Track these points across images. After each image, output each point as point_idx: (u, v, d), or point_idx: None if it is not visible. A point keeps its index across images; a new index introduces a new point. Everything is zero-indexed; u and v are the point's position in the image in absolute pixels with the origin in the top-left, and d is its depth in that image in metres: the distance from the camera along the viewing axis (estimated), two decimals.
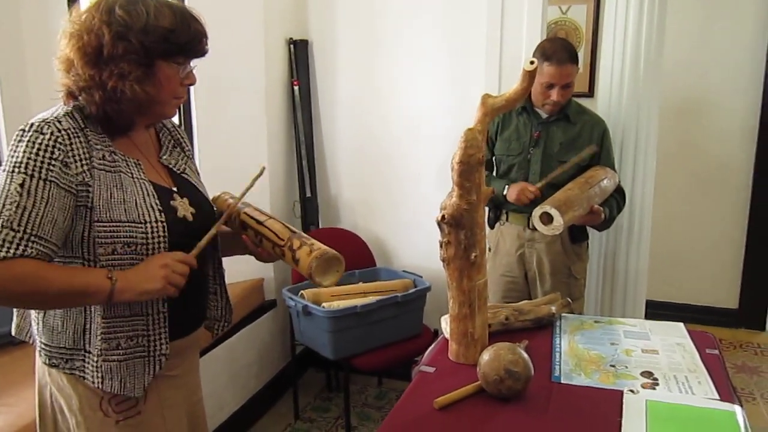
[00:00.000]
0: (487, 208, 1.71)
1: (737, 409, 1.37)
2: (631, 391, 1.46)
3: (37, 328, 1.30)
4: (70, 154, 1.17)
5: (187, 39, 1.25)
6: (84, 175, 1.18)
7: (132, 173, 1.26)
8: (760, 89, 3.70)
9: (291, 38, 3.02)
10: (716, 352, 1.69)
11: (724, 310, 3.96)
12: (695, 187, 3.92)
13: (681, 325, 1.87)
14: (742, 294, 3.93)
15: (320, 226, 3.18)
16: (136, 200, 1.24)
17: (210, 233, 1.35)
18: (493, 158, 2.47)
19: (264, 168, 1.45)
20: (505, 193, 2.33)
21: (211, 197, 1.50)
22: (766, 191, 3.79)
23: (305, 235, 1.40)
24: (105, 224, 1.20)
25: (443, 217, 1.56)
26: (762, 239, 3.84)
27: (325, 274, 1.34)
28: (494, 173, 2.49)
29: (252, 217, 1.43)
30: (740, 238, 3.88)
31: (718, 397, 1.43)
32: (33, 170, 1.13)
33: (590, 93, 3.80)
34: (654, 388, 1.48)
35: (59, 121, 1.18)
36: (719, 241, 3.92)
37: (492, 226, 2.49)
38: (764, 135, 3.73)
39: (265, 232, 1.40)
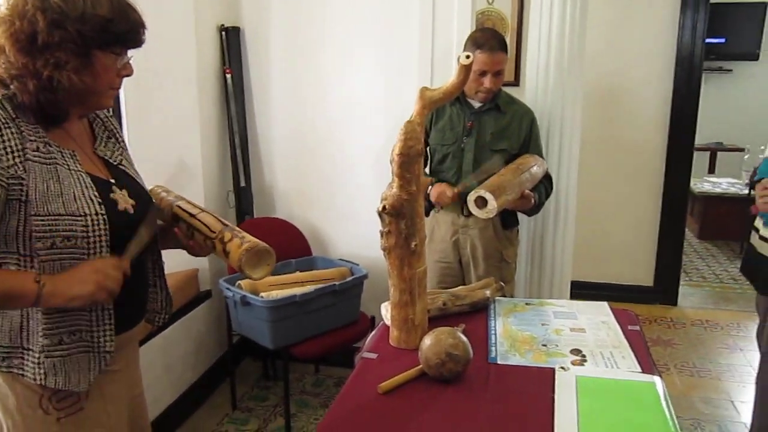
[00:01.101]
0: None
1: (657, 379, 1.49)
2: (562, 368, 1.55)
3: None
4: (0, 146, 1.13)
5: (126, 29, 1.23)
6: (16, 168, 1.15)
7: (68, 165, 1.23)
8: (671, 79, 3.94)
9: (222, 25, 2.96)
10: (637, 328, 1.82)
11: (640, 288, 4.22)
12: (613, 172, 4.14)
13: (605, 304, 1.99)
14: (656, 272, 4.20)
15: (255, 216, 3.16)
16: (74, 192, 1.21)
17: (141, 239, 1.33)
18: (428, 148, 2.53)
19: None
20: (428, 192, 2.40)
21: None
22: (677, 176, 4.05)
23: (237, 228, 1.40)
24: (43, 218, 1.17)
25: (384, 207, 1.60)
26: (674, 221, 4.12)
27: (256, 267, 1.35)
28: (429, 163, 2.54)
29: (184, 210, 1.43)
30: (655, 220, 4.14)
31: (640, 370, 1.55)
32: None
33: (516, 82, 3.92)
34: (583, 364, 1.58)
35: None
36: (636, 222, 4.17)
37: (427, 214, 2.55)
38: (675, 123, 3.99)
39: (196, 224, 1.39)
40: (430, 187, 2.40)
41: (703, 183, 5.92)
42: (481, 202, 2.15)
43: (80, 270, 1.20)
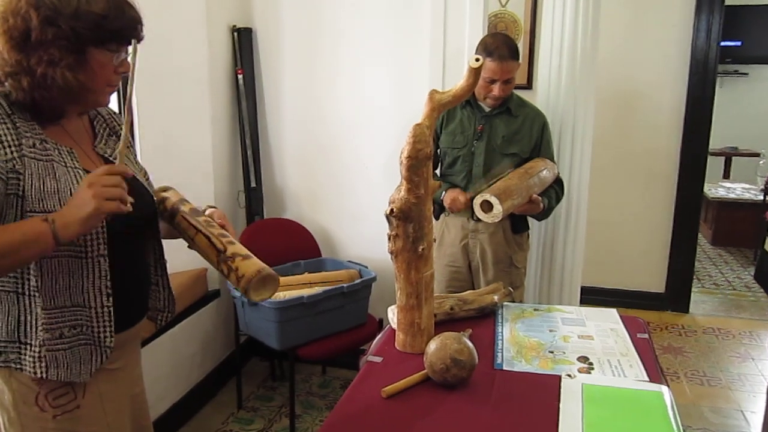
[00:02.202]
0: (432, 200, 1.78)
1: (664, 389, 1.47)
2: (569, 375, 1.54)
3: None
4: None
5: (121, 26, 1.21)
6: (14, 162, 1.14)
7: (65, 162, 1.23)
8: (685, 82, 3.90)
9: (235, 26, 2.97)
10: (646, 336, 1.81)
11: (651, 294, 4.18)
12: (626, 177, 4.11)
13: (614, 311, 1.97)
14: (668, 279, 4.16)
15: (265, 217, 3.17)
16: (70, 190, 1.20)
17: (125, 137, 1.26)
18: (438, 151, 2.52)
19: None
20: (441, 198, 2.40)
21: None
22: (690, 181, 4.01)
23: (231, 251, 1.34)
24: (38, 215, 1.16)
25: (392, 210, 1.60)
26: (686, 227, 4.07)
27: (260, 290, 1.32)
28: (439, 166, 2.53)
29: (187, 221, 1.39)
30: (667, 225, 4.09)
31: (647, 379, 1.53)
32: None
33: (529, 85, 3.90)
34: (589, 372, 1.57)
35: None
36: (648, 228, 4.13)
37: (437, 218, 2.54)
38: (689, 127, 3.94)
39: (196, 248, 1.38)
40: (443, 192, 2.40)
41: (717, 188, 5.86)
42: (487, 206, 2.14)
43: (77, 193, 1.15)
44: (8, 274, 1.19)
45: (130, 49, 1.26)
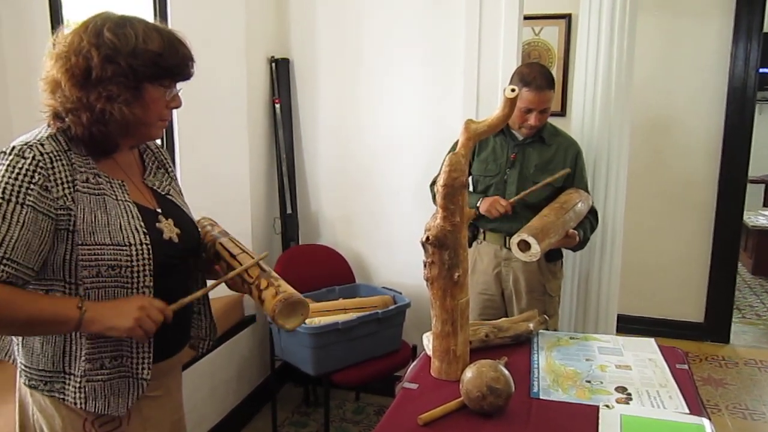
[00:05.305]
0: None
1: (706, 422, 1.44)
2: (607, 406, 1.52)
3: (18, 349, 1.31)
4: (51, 178, 1.17)
5: (175, 63, 1.27)
6: (65, 199, 1.19)
7: (116, 195, 1.27)
8: (723, 109, 3.86)
9: (272, 57, 3.06)
10: (686, 367, 1.77)
11: (690, 324, 4.09)
12: (663, 205, 4.05)
13: (652, 340, 1.94)
14: (707, 308, 4.06)
15: (300, 243, 3.21)
16: (120, 223, 1.25)
17: (195, 295, 1.36)
18: (471, 178, 2.53)
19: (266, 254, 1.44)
20: (478, 205, 2.39)
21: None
22: (729, 209, 3.94)
23: (274, 274, 1.40)
24: (89, 247, 1.20)
25: (428, 237, 1.61)
26: (725, 255, 3.99)
27: (289, 317, 1.34)
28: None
29: (226, 249, 1.43)
30: (705, 253, 4.01)
31: (688, 411, 1.50)
32: (10, 195, 1.14)
33: (563, 112, 3.91)
34: (628, 403, 1.55)
35: (42, 144, 1.19)
36: (686, 256, 4.06)
37: (469, 245, 2.54)
38: (727, 155, 3.89)
39: (235, 266, 1.40)
40: (479, 199, 2.39)
41: (757, 217, 5.74)
42: (525, 246, 2.13)
43: (125, 303, 1.22)
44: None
45: (180, 85, 1.32)
